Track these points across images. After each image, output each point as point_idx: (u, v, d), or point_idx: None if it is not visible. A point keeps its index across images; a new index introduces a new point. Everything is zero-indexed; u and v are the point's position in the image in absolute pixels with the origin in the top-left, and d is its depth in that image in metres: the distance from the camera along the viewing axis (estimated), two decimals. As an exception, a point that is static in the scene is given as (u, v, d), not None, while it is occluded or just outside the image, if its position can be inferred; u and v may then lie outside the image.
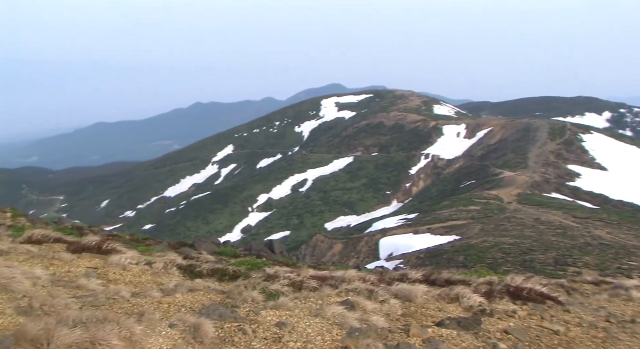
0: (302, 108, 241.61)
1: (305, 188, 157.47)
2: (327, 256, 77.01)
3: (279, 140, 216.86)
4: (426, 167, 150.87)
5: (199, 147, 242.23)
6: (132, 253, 12.49)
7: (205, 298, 8.32)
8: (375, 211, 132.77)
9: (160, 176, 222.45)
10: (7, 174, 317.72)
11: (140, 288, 9.21)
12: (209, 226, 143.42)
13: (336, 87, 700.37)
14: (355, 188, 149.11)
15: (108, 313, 6.41)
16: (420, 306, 8.74)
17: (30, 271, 8.67)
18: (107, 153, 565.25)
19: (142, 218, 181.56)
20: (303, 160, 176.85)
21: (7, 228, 16.91)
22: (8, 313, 6.40)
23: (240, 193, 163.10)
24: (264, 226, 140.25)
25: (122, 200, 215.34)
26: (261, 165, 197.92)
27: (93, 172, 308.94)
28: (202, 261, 13.88)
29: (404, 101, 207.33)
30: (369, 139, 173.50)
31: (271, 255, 28.43)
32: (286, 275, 10.65)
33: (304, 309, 7.76)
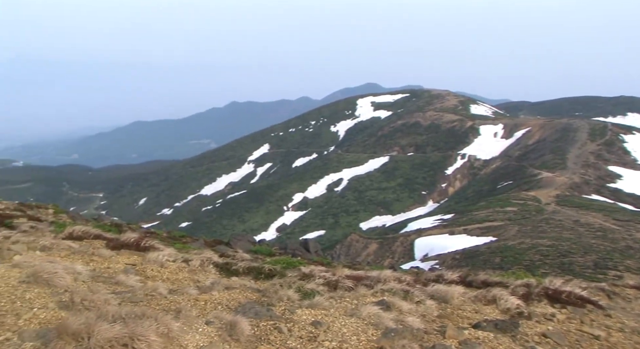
0: (338, 108, 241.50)
1: (340, 188, 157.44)
2: (362, 256, 76.86)
3: (314, 139, 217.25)
4: (462, 167, 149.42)
5: (235, 145, 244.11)
6: (170, 250, 12.64)
7: (242, 296, 8.38)
8: (410, 212, 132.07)
9: (197, 174, 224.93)
10: (49, 171, 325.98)
11: (177, 285, 9.32)
12: (244, 225, 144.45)
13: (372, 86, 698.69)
14: (390, 188, 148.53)
15: (146, 309, 6.50)
16: (457, 307, 8.65)
17: (72, 267, 8.84)
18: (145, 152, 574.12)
19: (179, 215, 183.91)
20: (338, 159, 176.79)
21: (49, 225, 17.30)
22: (51, 307, 6.55)
23: (275, 192, 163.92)
24: (299, 225, 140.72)
25: (160, 197, 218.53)
26: (297, 164, 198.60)
27: (132, 169, 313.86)
28: (238, 259, 13.97)
29: (440, 101, 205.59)
30: (404, 139, 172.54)
31: (306, 254, 28.44)
32: (321, 274, 10.66)
33: (340, 308, 7.75)
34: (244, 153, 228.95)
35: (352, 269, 15.76)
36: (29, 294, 7.11)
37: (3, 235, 11.80)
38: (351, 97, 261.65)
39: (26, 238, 11.78)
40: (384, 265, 51.63)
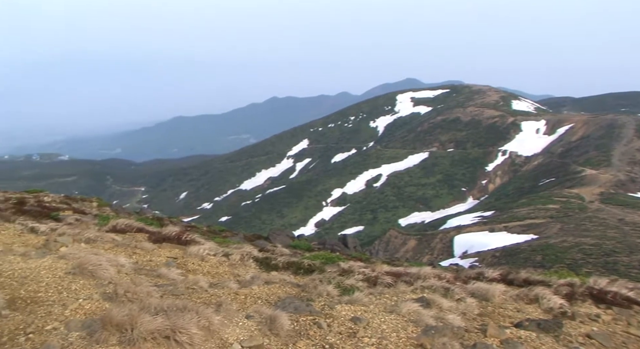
0: (377, 103, 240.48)
1: (379, 184, 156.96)
2: (401, 252, 76.54)
3: (353, 135, 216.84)
4: (503, 163, 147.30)
5: (275, 141, 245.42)
6: (210, 244, 12.78)
7: (281, 291, 8.42)
8: (450, 208, 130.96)
9: (237, 169, 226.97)
10: (94, 165, 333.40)
11: (217, 278, 9.41)
12: (283, 220, 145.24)
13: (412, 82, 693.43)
14: (430, 184, 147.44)
15: (187, 302, 6.58)
16: (498, 306, 8.53)
17: (115, 259, 9.01)
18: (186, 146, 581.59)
19: (218, 210, 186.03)
20: (377, 155, 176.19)
21: (93, 217, 17.68)
22: (95, 298, 6.68)
23: (314, 187, 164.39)
24: (338, 221, 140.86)
25: (200, 192, 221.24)
26: (336, 160, 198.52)
27: (173, 164, 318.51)
28: (277, 254, 14.04)
29: (481, 96, 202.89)
30: (444, 135, 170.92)
31: (345, 249, 28.47)
32: (361, 270, 10.64)
33: (379, 305, 7.72)
34: (283, 148, 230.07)
35: (391, 265, 15.70)
36: (75, 285, 7.27)
37: (50, 227, 12.10)
38: (391, 93, 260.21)
39: (72, 230, 12.05)
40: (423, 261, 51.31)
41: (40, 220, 13.45)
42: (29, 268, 7.86)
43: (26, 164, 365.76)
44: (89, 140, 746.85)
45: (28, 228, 11.73)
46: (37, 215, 14.82)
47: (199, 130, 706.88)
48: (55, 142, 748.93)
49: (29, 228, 11.77)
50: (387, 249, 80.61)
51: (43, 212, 15.86)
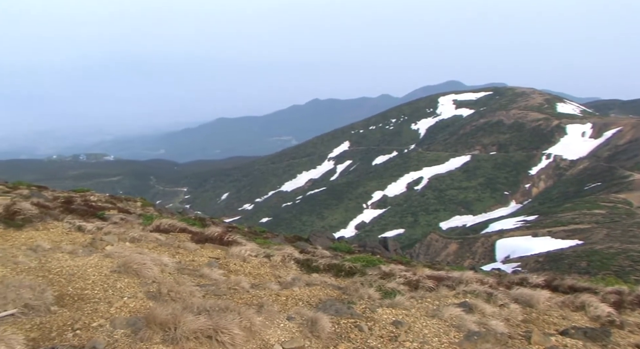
0: (418, 106, 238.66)
1: (420, 186, 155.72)
2: (442, 255, 75.80)
3: (394, 137, 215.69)
4: (547, 167, 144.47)
5: (316, 143, 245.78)
6: (252, 245, 12.88)
7: (322, 293, 8.43)
8: (492, 212, 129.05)
9: (278, 171, 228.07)
10: (138, 165, 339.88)
11: (259, 279, 9.48)
12: (323, 222, 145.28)
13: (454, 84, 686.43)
14: (471, 187, 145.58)
15: (229, 302, 6.64)
16: (542, 312, 8.37)
17: (159, 259, 9.16)
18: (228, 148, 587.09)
19: (259, 211, 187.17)
20: (419, 157, 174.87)
21: (137, 217, 17.99)
22: (139, 297, 6.81)
23: (355, 189, 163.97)
24: (378, 223, 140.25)
25: (241, 193, 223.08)
26: (377, 162, 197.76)
27: (215, 165, 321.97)
28: (318, 256, 14.06)
29: (524, 99, 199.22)
30: (487, 138, 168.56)
31: (385, 252, 28.31)
32: (402, 274, 10.58)
33: (421, 309, 7.66)
34: (324, 150, 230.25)
35: (432, 269, 15.56)
36: (120, 283, 7.43)
37: (96, 225, 12.38)
38: (433, 95, 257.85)
39: (117, 229, 12.30)
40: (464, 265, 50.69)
41: (87, 219, 13.76)
42: (76, 266, 8.06)
43: (73, 164, 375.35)
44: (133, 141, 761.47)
45: (75, 227, 12.02)
46: (83, 213, 15.15)
47: (241, 131, 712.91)
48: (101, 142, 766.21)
49: (77, 226, 12.06)
50: (428, 252, 79.92)
51: (89, 211, 16.21)
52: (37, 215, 12.20)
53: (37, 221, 11.81)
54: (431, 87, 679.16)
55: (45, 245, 9.46)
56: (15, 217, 11.65)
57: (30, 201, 15.42)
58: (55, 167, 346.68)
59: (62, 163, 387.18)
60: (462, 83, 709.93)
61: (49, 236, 10.86)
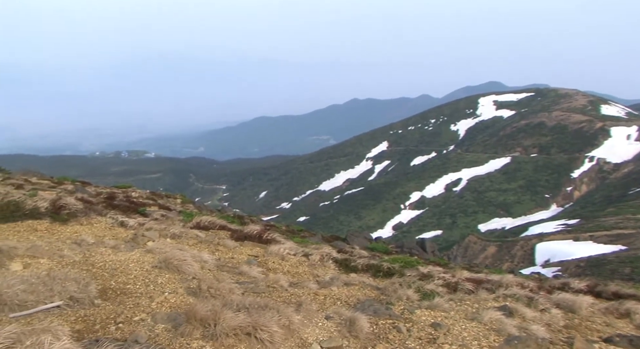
0: (458, 106, 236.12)
1: (459, 188, 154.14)
2: (480, 258, 74.93)
3: (434, 138, 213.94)
4: (590, 170, 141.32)
5: (354, 142, 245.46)
6: (290, 244, 12.94)
7: (360, 293, 8.42)
8: (532, 215, 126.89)
9: (316, 170, 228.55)
10: (178, 163, 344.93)
11: (297, 278, 9.52)
12: (361, 222, 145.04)
13: (495, 85, 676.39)
14: (511, 189, 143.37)
15: (268, 300, 6.69)
16: (585, 318, 8.20)
17: (199, 255, 9.28)
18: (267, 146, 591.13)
19: (297, 210, 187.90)
20: (458, 159, 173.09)
21: (177, 213, 18.25)
22: (180, 293, 6.91)
23: (393, 190, 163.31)
24: (416, 225, 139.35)
25: (279, 191, 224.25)
26: (415, 163, 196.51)
27: (253, 163, 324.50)
28: (356, 255, 14.04)
29: (567, 100, 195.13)
30: (528, 139, 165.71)
31: (423, 253, 28.13)
32: (440, 275, 10.49)
33: (460, 311, 7.58)
34: (362, 150, 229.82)
35: (470, 271, 15.39)
36: (161, 278, 7.54)
37: (138, 221, 12.60)
38: (473, 96, 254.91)
39: (158, 225, 12.49)
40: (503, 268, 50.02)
41: (129, 215, 14.01)
42: (118, 261, 8.22)
43: (115, 160, 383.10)
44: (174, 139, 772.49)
45: (118, 222, 12.26)
46: (125, 209, 15.43)
47: (280, 130, 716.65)
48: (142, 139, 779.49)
49: (119, 222, 12.29)
50: (466, 255, 79.08)
51: (131, 207, 16.50)
52: (81, 210, 12.47)
53: (82, 216, 12.07)
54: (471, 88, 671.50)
55: (89, 239, 9.68)
56: (60, 212, 11.93)
57: (75, 196, 15.78)
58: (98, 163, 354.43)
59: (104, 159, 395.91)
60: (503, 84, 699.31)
61: (92, 230, 11.10)
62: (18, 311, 5.64)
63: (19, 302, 5.74)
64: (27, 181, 22.72)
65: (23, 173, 28.42)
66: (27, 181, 22.72)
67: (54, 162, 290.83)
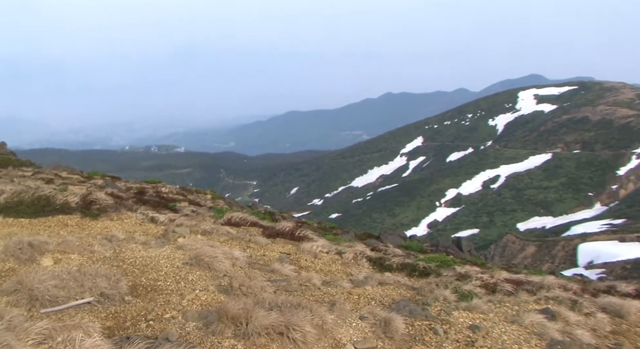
0: (497, 100, 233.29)
1: (497, 185, 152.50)
2: (518, 258, 74.03)
3: (470, 133, 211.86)
4: (638, 167, 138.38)
5: (388, 137, 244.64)
6: (323, 241, 12.94)
7: (395, 293, 8.37)
8: (574, 214, 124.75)
9: (349, 166, 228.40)
10: (208, 158, 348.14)
11: (330, 277, 9.50)
12: (394, 219, 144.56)
13: (536, 78, 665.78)
14: (552, 187, 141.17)
15: (301, 299, 6.69)
16: (634, 324, 8.01)
17: (230, 252, 9.33)
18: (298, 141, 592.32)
19: (328, 206, 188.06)
20: (496, 155, 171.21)
21: (208, 209, 18.40)
22: (211, 290, 6.95)
23: (428, 186, 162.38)
24: (452, 223, 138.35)
25: (311, 188, 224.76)
26: (451, 159, 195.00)
27: (285, 159, 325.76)
28: (390, 254, 13.98)
29: (613, 94, 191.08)
30: (570, 135, 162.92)
31: (459, 252, 27.90)
32: (478, 276, 10.38)
33: (499, 314, 7.48)
34: (396, 145, 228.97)
35: (509, 272, 15.20)
36: (192, 275, 7.61)
37: (169, 217, 12.74)
38: (512, 89, 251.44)
39: (189, 221, 12.61)
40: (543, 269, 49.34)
41: (159, 210, 14.17)
42: (149, 257, 8.31)
43: (145, 155, 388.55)
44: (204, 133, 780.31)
45: (148, 218, 12.41)
46: (155, 205, 15.61)
47: (312, 125, 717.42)
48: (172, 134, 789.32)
49: (149, 217, 12.44)
50: (504, 254, 78.19)
51: (161, 202, 16.69)
52: (111, 205, 12.66)
53: (112, 211, 12.25)
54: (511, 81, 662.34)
55: (119, 235, 9.81)
56: (91, 207, 12.13)
57: (105, 191, 16.03)
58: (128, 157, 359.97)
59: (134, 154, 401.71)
60: (544, 77, 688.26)
61: (123, 226, 11.26)
62: (49, 307, 5.74)
63: (50, 298, 5.84)
64: (57, 176, 23.17)
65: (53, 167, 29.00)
66: (57, 176, 23.17)
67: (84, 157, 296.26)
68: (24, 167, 27.04)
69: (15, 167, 25.47)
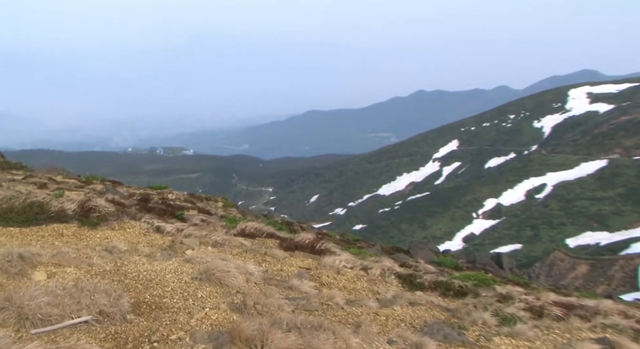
0: (543, 100, 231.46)
1: (542, 195, 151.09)
2: (568, 278, 73.26)
3: (512, 136, 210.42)
4: None
5: (420, 141, 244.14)
6: (346, 255, 12.91)
7: (428, 315, 8.32)
8: (634, 229, 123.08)
9: (375, 172, 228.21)
10: (219, 161, 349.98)
11: (355, 295, 9.47)
12: (425, 232, 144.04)
13: (589, 74, 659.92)
14: (608, 198, 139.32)
15: (322, 319, 6.66)
16: None
17: (244, 266, 9.34)
18: (319, 144, 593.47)
19: (352, 216, 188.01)
20: (542, 161, 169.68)
21: (219, 218, 18.46)
22: (222, 309, 6.95)
23: (463, 195, 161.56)
24: (490, 237, 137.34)
25: (333, 195, 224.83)
26: (490, 165, 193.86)
27: (304, 163, 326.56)
28: (421, 271, 13.92)
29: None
30: (630, 139, 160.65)
31: (499, 270, 27.76)
32: (522, 297, 10.27)
33: (547, 341, 7.38)
34: (428, 149, 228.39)
35: (557, 294, 15.04)
36: (201, 292, 7.62)
37: (176, 227, 12.78)
38: (561, 87, 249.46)
39: (198, 232, 12.65)
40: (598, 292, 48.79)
41: (165, 219, 14.23)
42: (154, 271, 8.34)
43: (149, 158, 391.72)
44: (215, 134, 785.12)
45: (153, 227, 12.46)
46: (161, 213, 15.68)
47: (335, 126, 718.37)
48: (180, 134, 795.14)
49: (155, 227, 12.50)
50: (550, 274, 77.42)
51: (167, 210, 16.76)
52: (112, 213, 12.72)
53: (113, 220, 12.31)
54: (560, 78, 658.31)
55: (121, 246, 9.85)
56: (90, 214, 12.20)
57: (105, 197, 16.14)
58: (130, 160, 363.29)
59: (137, 156, 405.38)
60: (599, 73, 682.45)
61: (125, 236, 11.32)
62: (41, 327, 5.73)
63: (42, 316, 5.81)
64: (51, 180, 23.39)
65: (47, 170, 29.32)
66: (51, 180, 23.39)
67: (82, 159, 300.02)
68: (13, 169, 27.36)
69: (3, 170, 25.79)
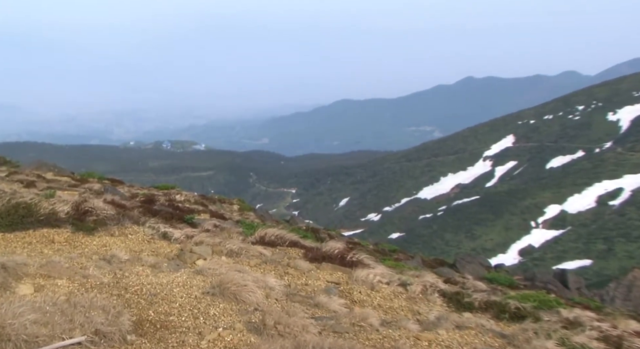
0: (620, 88, 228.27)
1: (618, 201, 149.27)
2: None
3: (581, 131, 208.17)
4: None
5: (467, 136, 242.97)
6: (381, 268, 12.84)
7: (478, 341, 8.23)
8: None
9: (415, 171, 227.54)
10: (236, 157, 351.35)
11: (391, 315, 9.41)
12: (474, 242, 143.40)
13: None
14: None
15: (354, 343, 6.63)
16: None
17: (263, 280, 9.32)
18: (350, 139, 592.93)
19: (388, 223, 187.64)
20: (618, 161, 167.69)
21: (234, 224, 18.50)
22: (238, 329, 6.92)
23: (520, 201, 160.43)
24: (552, 250, 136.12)
25: (365, 199, 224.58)
26: (552, 165, 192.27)
27: (332, 161, 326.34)
28: (470, 288, 13.81)
29: None
30: None
31: (563, 290, 27.55)
32: (594, 324, 10.10)
33: (626, 380, 7.27)
34: (478, 146, 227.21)
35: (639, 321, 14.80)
36: (214, 309, 7.61)
37: (185, 233, 12.80)
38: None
39: (211, 239, 12.66)
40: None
41: (173, 224, 14.27)
42: (159, 284, 8.35)
43: (155, 153, 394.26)
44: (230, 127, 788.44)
45: (159, 234, 12.48)
46: (168, 217, 15.72)
47: (368, 118, 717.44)
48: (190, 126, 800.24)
49: (161, 233, 12.52)
50: (629, 297, 76.14)
51: (175, 214, 16.83)
52: (112, 217, 12.77)
53: (113, 225, 12.34)
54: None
55: (122, 255, 9.88)
56: (85, 218, 12.25)
57: (104, 198, 16.26)
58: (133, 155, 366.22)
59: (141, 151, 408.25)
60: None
61: (126, 244, 11.34)
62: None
63: (27, 337, 5.69)
64: (40, 178, 23.59)
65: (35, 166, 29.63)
66: (40, 178, 23.59)
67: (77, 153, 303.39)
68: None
69: (-18, 165, 26.02)
